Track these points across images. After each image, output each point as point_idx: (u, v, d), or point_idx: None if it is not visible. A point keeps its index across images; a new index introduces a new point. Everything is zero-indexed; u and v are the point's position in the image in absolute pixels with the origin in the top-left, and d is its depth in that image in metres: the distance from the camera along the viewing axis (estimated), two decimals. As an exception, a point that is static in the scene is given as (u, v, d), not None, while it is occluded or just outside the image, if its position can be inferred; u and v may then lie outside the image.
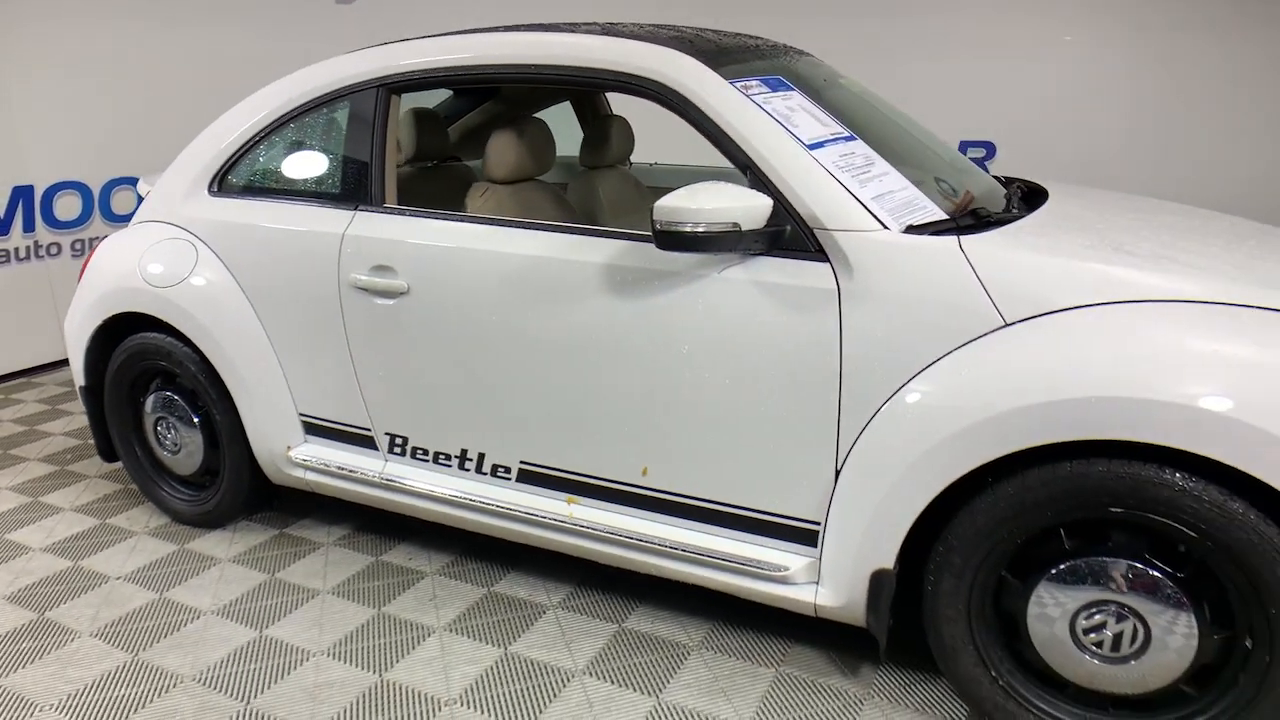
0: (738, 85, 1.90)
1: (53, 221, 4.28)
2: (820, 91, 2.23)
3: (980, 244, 1.68)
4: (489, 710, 1.88)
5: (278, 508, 2.81)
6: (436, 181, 2.88)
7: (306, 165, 2.40)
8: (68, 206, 4.33)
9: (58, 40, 4.13)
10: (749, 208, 1.70)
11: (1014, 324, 1.61)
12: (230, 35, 4.70)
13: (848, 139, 1.94)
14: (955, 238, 1.69)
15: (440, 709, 1.89)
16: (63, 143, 4.24)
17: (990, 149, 5.48)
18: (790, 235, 1.77)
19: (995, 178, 2.59)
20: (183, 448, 2.66)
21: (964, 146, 5.54)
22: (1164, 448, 1.47)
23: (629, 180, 2.89)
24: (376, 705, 1.91)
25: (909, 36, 5.47)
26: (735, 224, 1.69)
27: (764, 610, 2.13)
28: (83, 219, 4.39)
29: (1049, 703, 1.69)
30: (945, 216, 1.83)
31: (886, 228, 1.73)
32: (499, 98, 3.29)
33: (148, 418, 2.70)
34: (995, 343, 1.61)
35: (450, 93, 3.25)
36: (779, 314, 1.76)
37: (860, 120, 2.17)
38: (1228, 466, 1.43)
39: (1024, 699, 1.70)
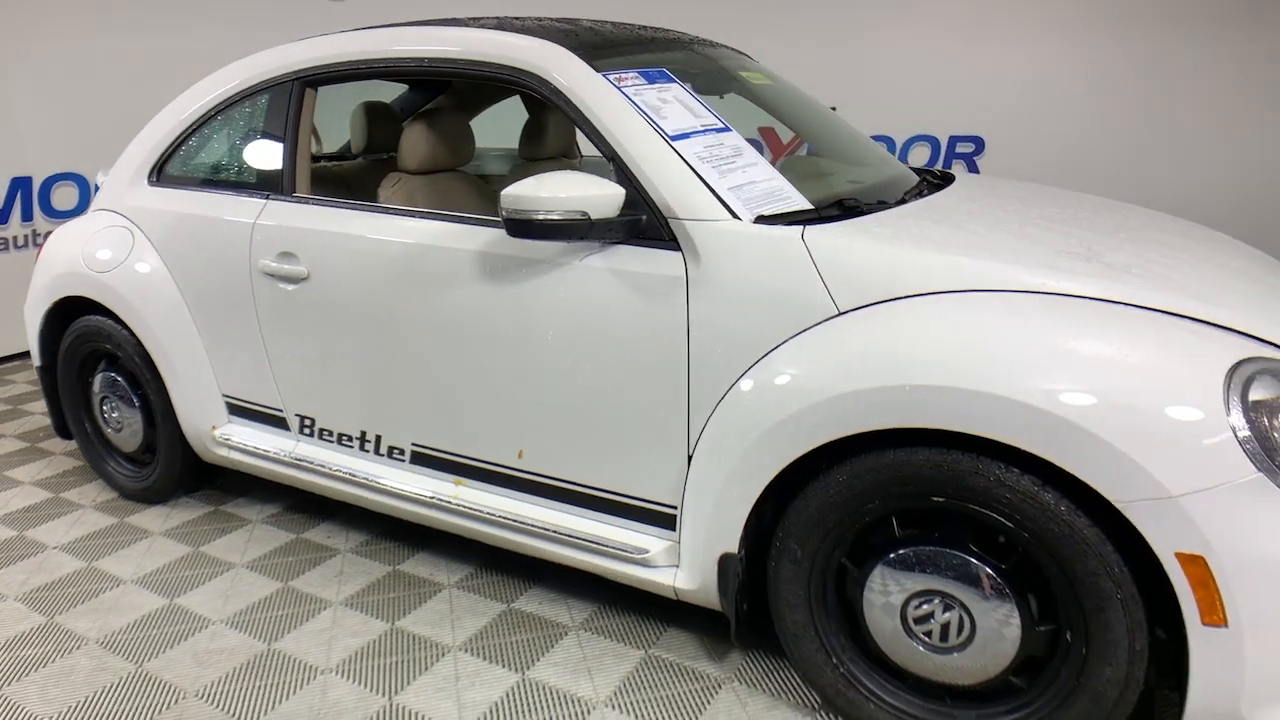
0: (610, 77, 1.94)
1: (50, 211, 4.48)
2: (724, 85, 2.26)
3: (822, 234, 1.69)
4: (360, 679, 1.95)
5: (220, 486, 2.93)
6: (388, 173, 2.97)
7: (229, 156, 2.49)
8: (65, 197, 4.53)
9: (57, 38, 4.32)
10: (598, 197, 1.73)
11: (847, 312, 1.62)
12: (224, 34, 4.85)
13: (719, 130, 1.96)
14: (799, 228, 1.70)
15: (316, 676, 1.97)
16: (60, 136, 4.43)
17: (979, 144, 5.40)
18: (647, 224, 1.80)
19: (915, 170, 2.58)
20: (125, 426, 2.78)
21: (953, 141, 5.48)
22: (987, 439, 1.47)
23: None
24: (259, 671, 1.99)
25: (897, 31, 5.42)
26: (584, 213, 1.73)
27: (647, 595, 2.16)
28: (79, 208, 4.57)
29: (890, 692, 1.70)
30: (809, 206, 1.85)
31: (738, 217, 1.75)
32: (450, 92, 3.36)
33: (95, 397, 2.83)
34: (829, 330, 1.62)
35: (406, 87, 3.33)
36: (634, 301, 1.79)
37: (785, 113, 2.20)
38: (1040, 458, 1.43)
39: (865, 688, 1.71)
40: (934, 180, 2.36)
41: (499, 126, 3.36)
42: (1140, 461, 1.35)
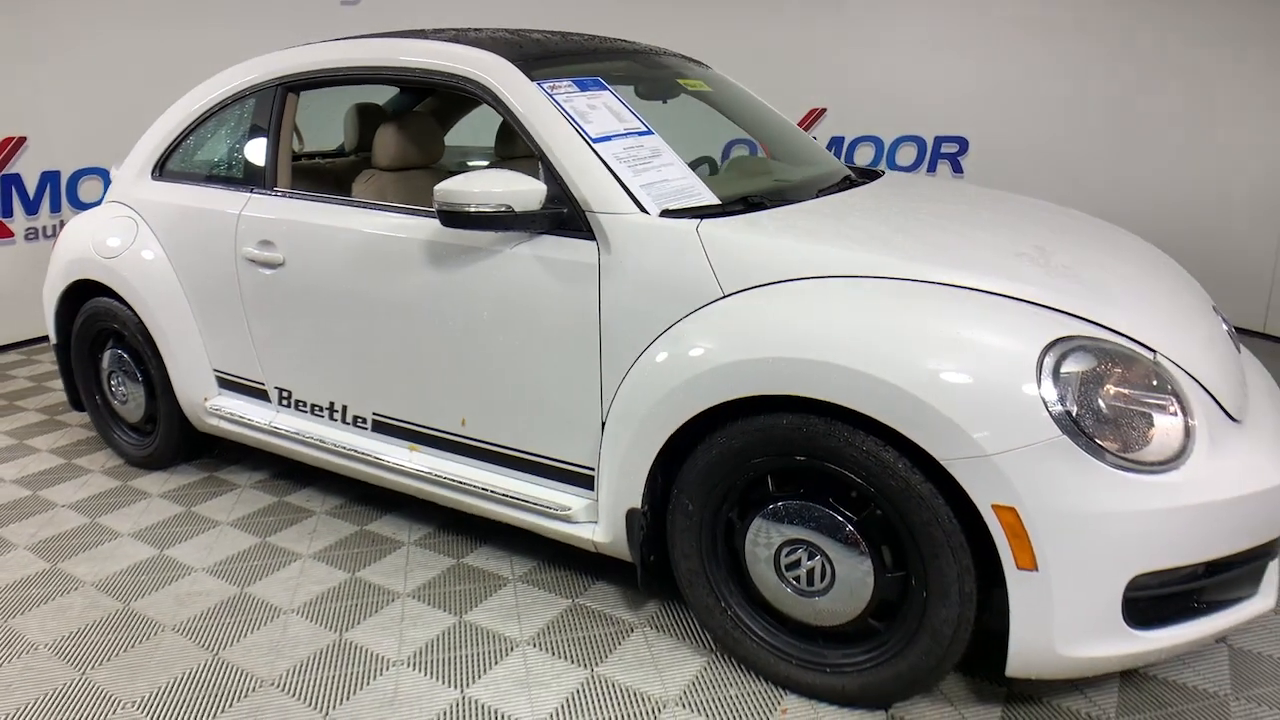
0: (545, 85, 2.16)
1: (77, 203, 4.82)
2: (667, 91, 2.50)
3: (714, 227, 1.90)
4: (318, 619, 2.20)
5: (216, 455, 3.20)
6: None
7: (220, 154, 2.76)
8: (90, 190, 4.86)
9: (83, 40, 4.65)
10: (521, 192, 1.96)
11: (730, 295, 1.83)
12: (240, 36, 5.15)
13: (641, 134, 2.18)
14: (696, 221, 1.92)
15: (279, 616, 2.22)
16: (86, 133, 4.76)
17: (964, 144, 5.55)
18: (569, 216, 2.03)
19: (853, 168, 2.79)
20: (130, 399, 3.07)
21: (939, 142, 5.63)
22: (834, 404, 1.68)
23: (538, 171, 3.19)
24: (232, 611, 2.24)
25: (884, 33, 5.58)
26: (508, 206, 1.96)
27: (582, 552, 2.39)
28: (102, 200, 4.90)
29: (771, 634, 1.91)
30: (716, 202, 2.06)
31: (645, 211, 1.97)
32: (436, 95, 3.61)
33: (104, 372, 3.12)
34: (714, 310, 1.84)
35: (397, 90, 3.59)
36: (555, 285, 2.02)
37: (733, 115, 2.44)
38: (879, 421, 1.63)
39: (749, 629, 1.92)
40: (855, 179, 2.55)
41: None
42: (960, 424, 1.55)
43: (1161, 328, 1.78)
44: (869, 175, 2.68)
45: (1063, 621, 1.57)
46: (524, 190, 1.97)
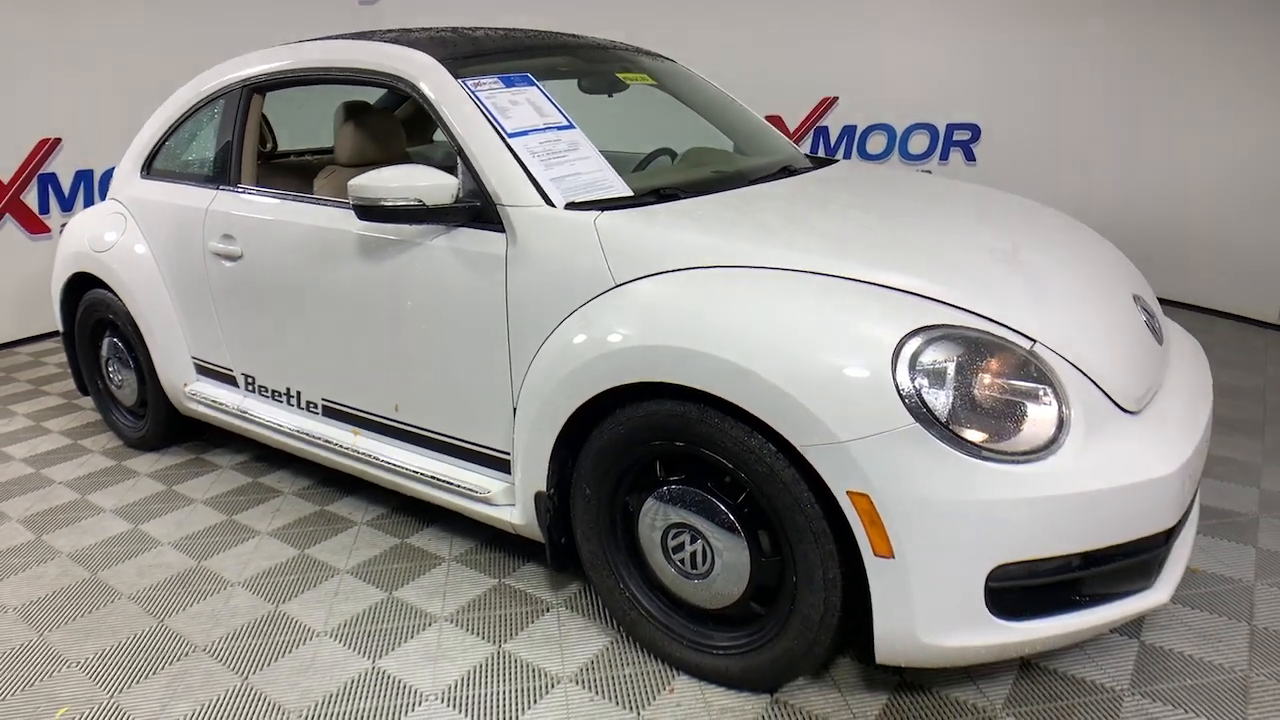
0: (469, 83, 2.24)
1: (108, 201, 5.09)
2: (606, 85, 2.56)
3: (611, 219, 1.95)
4: (261, 593, 2.33)
5: (205, 438, 3.39)
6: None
7: (193, 153, 2.92)
8: (121, 188, 5.13)
9: (113, 44, 4.92)
10: (431, 186, 2.04)
11: (621, 285, 1.88)
12: (262, 37, 5.37)
13: (560, 128, 2.23)
14: (595, 213, 1.97)
15: (226, 588, 2.36)
16: (117, 134, 5.02)
17: (976, 131, 5.44)
18: (483, 209, 2.10)
19: (810, 156, 2.81)
20: (125, 384, 3.27)
21: (950, 129, 5.53)
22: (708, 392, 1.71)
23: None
24: (184, 583, 2.39)
25: (897, 20, 5.50)
26: (419, 200, 2.04)
27: (519, 535, 2.47)
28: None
29: (665, 615, 1.96)
30: (628, 194, 2.11)
31: (551, 204, 2.03)
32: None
33: (103, 359, 3.33)
34: (606, 299, 1.89)
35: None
36: (467, 275, 2.10)
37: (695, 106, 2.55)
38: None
39: (646, 610, 1.97)
40: (793, 169, 2.56)
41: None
42: (815, 411, 1.57)
43: (1053, 318, 1.76)
44: (823, 164, 2.69)
45: (923, 610, 1.58)
46: (433, 185, 2.04)
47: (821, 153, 5.97)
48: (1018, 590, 1.62)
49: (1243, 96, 4.39)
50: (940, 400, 1.56)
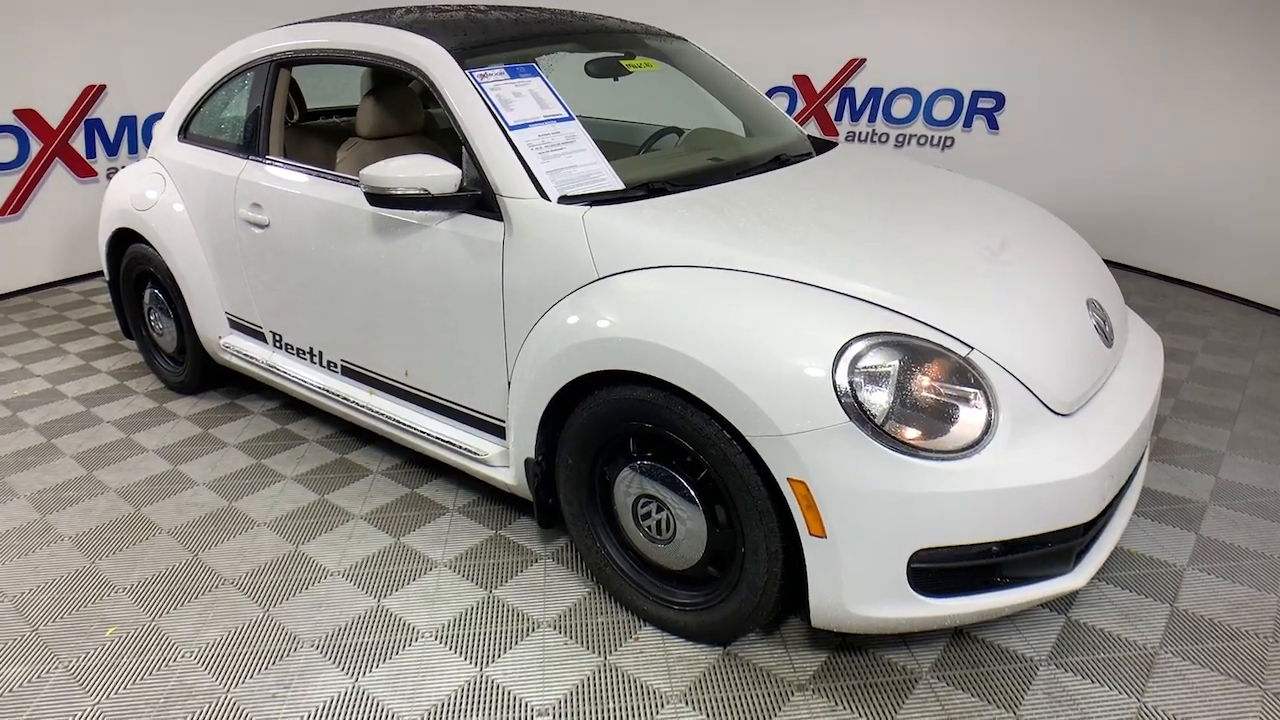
0: (475, 74, 2.39)
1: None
2: (612, 70, 2.70)
3: (598, 214, 2.12)
4: (284, 533, 2.61)
5: (239, 384, 3.66)
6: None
7: (226, 121, 3.11)
8: (162, 135, 5.36)
9: (152, -3, 5.09)
10: (435, 177, 2.22)
11: (604, 277, 2.06)
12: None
13: (560, 120, 2.38)
14: (584, 208, 2.14)
15: (253, 528, 2.64)
16: (159, 80, 5.24)
17: (1000, 99, 5.43)
18: (484, 198, 2.28)
19: (813, 139, 2.94)
20: (165, 332, 3.54)
21: (975, 96, 5.52)
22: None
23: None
24: (218, 521, 2.68)
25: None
26: (424, 189, 2.23)
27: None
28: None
29: (636, 572, 2.19)
30: (621, 188, 2.27)
31: (546, 197, 2.20)
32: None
33: (146, 308, 3.60)
34: (589, 290, 2.07)
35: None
36: (469, 259, 2.29)
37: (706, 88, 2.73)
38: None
39: (618, 568, 2.21)
40: (786, 159, 2.68)
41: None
42: (762, 407, 1.75)
43: (996, 325, 1.91)
44: (825, 147, 2.82)
45: (851, 584, 1.79)
46: (438, 175, 2.22)
47: (847, 114, 5.99)
48: (939, 571, 1.82)
49: (1263, 80, 4.35)
50: (876, 400, 1.74)
